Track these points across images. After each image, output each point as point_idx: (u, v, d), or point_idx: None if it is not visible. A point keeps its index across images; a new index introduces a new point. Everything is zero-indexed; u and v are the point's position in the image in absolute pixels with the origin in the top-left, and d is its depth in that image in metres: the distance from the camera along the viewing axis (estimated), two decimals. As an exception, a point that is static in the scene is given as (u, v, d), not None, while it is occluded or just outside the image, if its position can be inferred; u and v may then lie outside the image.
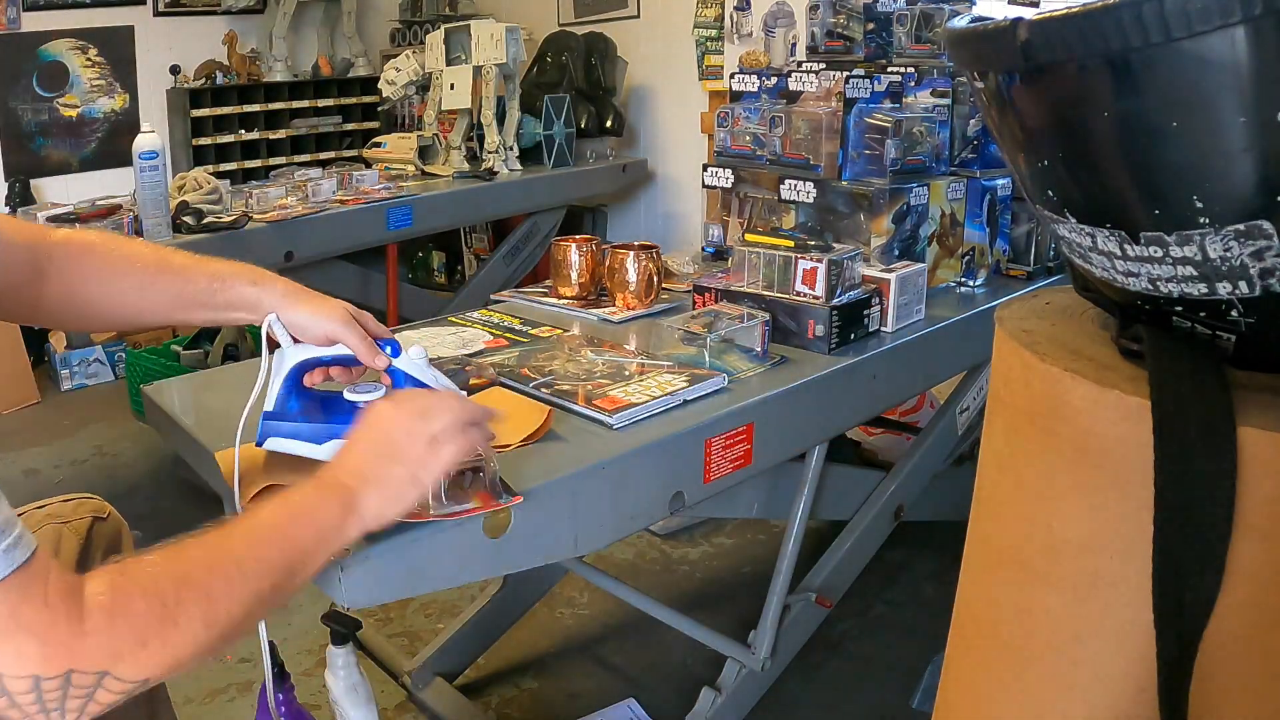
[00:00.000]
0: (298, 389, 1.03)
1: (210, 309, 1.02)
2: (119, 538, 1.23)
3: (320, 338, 1.01)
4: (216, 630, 0.73)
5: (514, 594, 1.88)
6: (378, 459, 0.87)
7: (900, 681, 1.85)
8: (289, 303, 1.01)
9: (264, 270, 1.04)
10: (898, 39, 1.91)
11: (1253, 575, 0.59)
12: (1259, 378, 0.64)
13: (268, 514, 0.80)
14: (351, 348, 1.00)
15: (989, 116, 0.74)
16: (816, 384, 1.37)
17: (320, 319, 1.00)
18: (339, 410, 1.02)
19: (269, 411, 1.01)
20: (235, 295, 1.01)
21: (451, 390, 1.03)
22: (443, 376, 1.05)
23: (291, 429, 1.01)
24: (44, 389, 3.57)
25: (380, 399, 0.94)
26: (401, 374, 1.02)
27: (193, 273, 1.02)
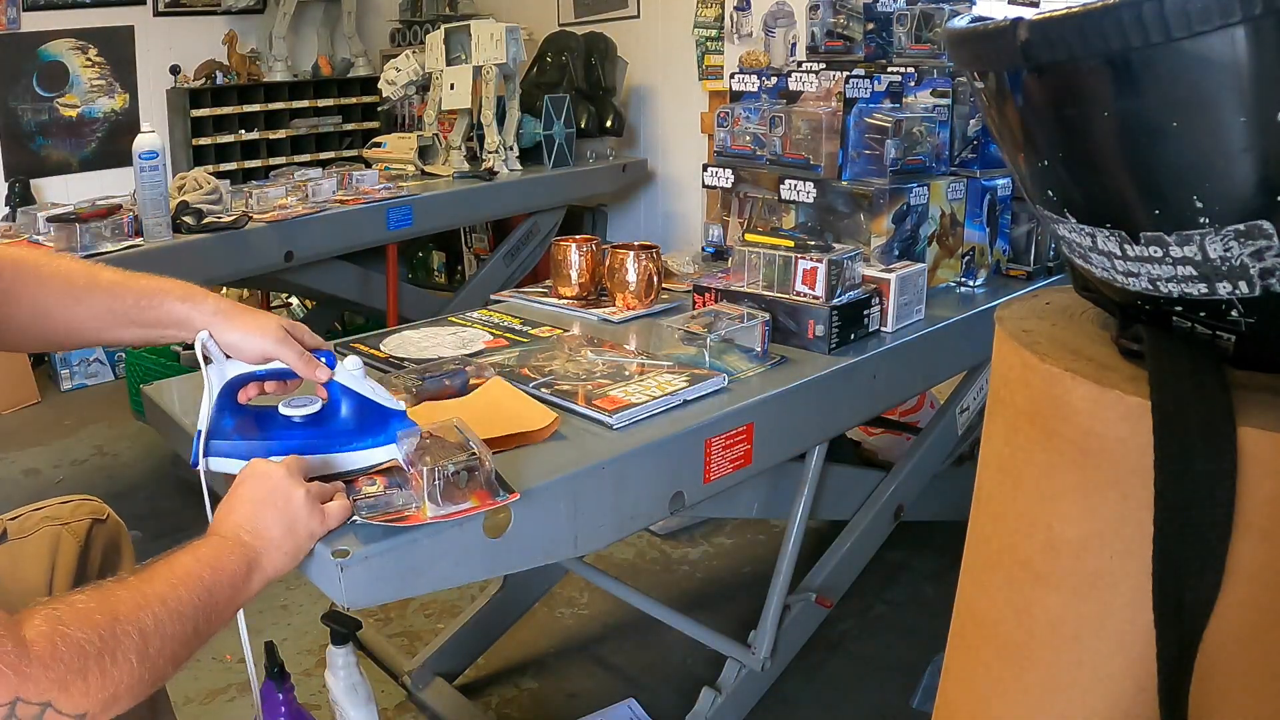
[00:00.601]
0: (231, 406, 1.01)
1: (140, 326, 1.00)
2: (118, 539, 1.23)
3: (255, 356, 0.99)
4: (148, 665, 0.76)
5: (514, 594, 1.88)
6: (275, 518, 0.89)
7: (900, 681, 1.85)
8: (220, 320, 0.99)
9: (196, 287, 1.02)
10: (898, 39, 1.91)
11: (1253, 575, 0.59)
12: (1259, 378, 0.64)
13: (181, 562, 0.83)
14: (289, 364, 0.99)
15: (989, 116, 0.74)
16: (816, 384, 1.37)
17: (254, 336, 0.99)
18: (275, 425, 1.01)
19: (201, 431, 1.00)
20: (165, 313, 0.99)
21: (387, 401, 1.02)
22: (380, 388, 1.03)
23: (228, 447, 1.00)
24: (44, 389, 3.57)
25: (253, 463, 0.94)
26: (338, 386, 1.01)
27: (121, 290, 1.00)
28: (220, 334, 0.98)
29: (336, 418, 1.01)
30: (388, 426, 1.01)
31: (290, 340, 0.99)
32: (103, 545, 1.19)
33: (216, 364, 0.99)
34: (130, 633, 0.75)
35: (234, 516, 0.89)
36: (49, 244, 2.20)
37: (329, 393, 1.01)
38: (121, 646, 0.74)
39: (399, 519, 0.92)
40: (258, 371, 1.01)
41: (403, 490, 0.96)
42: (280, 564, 0.89)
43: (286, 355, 0.99)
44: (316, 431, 1.01)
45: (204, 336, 0.98)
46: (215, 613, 0.83)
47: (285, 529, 0.89)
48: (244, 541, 0.87)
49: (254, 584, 0.87)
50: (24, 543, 1.11)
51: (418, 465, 0.94)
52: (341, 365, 1.01)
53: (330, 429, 1.01)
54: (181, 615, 0.79)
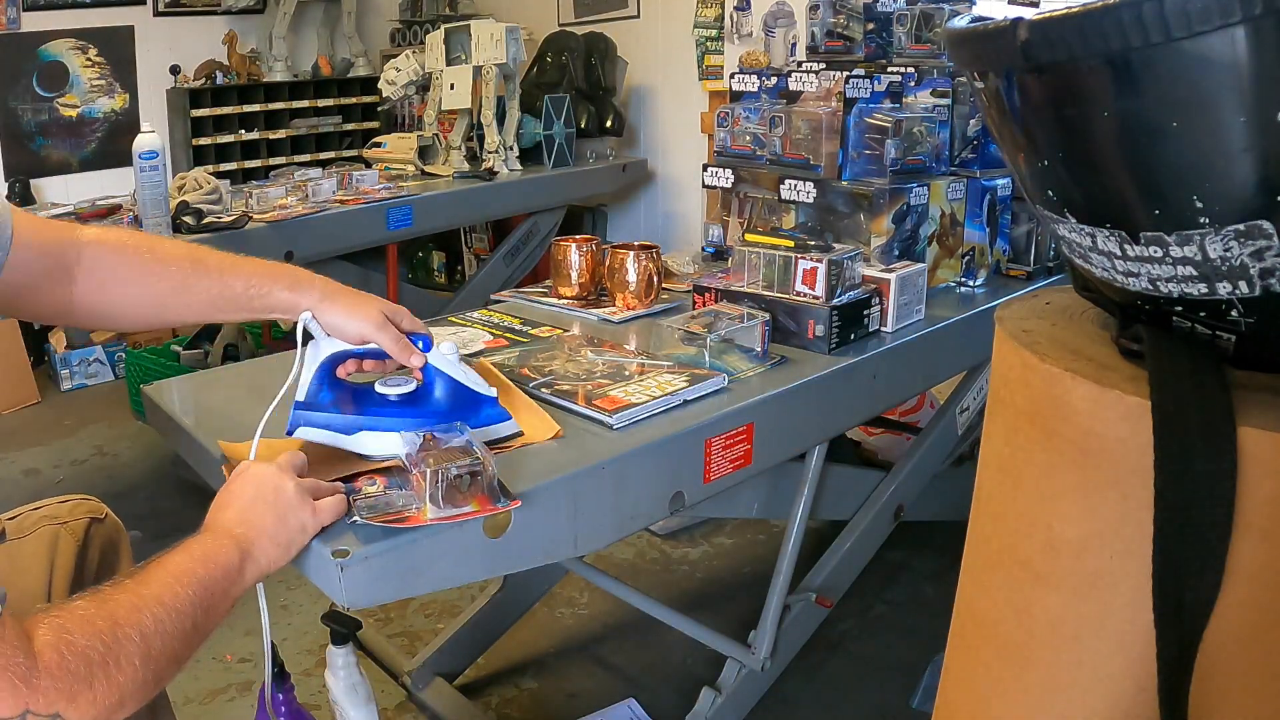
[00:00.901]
0: (330, 381, 1.05)
1: (247, 311, 1.05)
2: (116, 539, 1.23)
3: (355, 338, 1.03)
4: (151, 667, 0.76)
5: (514, 594, 1.88)
6: (264, 510, 0.90)
7: (900, 681, 1.85)
8: (325, 304, 1.03)
9: (301, 271, 1.06)
10: (898, 39, 1.91)
11: (1253, 575, 0.59)
12: (1259, 378, 0.64)
13: (174, 560, 0.83)
14: (384, 347, 1.03)
15: (989, 116, 0.74)
16: (816, 384, 1.37)
17: (354, 321, 1.03)
18: (370, 402, 1.05)
19: (300, 401, 1.03)
20: (274, 300, 1.03)
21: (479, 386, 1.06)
22: (472, 373, 1.08)
23: (322, 419, 1.02)
24: (44, 389, 3.57)
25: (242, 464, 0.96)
26: (433, 369, 1.06)
27: (229, 275, 1.03)
28: (323, 316, 1.03)
29: (430, 399, 1.06)
30: (480, 410, 1.07)
31: (388, 325, 1.04)
32: (101, 545, 1.19)
33: (317, 341, 1.04)
34: (132, 636, 0.75)
35: (225, 512, 0.90)
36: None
37: (424, 375, 1.06)
38: (125, 651, 0.74)
39: (399, 520, 0.92)
40: (356, 350, 1.05)
41: (403, 491, 0.97)
42: (273, 555, 0.89)
43: (383, 339, 1.03)
44: (412, 410, 1.04)
45: (306, 317, 1.03)
46: (212, 607, 0.83)
47: (276, 520, 0.89)
48: (235, 534, 0.88)
49: (248, 576, 0.88)
50: (22, 542, 1.12)
51: (420, 466, 0.94)
52: (436, 350, 1.06)
53: (423, 410, 1.05)
54: (180, 613, 0.79)
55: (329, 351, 1.04)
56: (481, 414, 1.08)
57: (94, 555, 1.18)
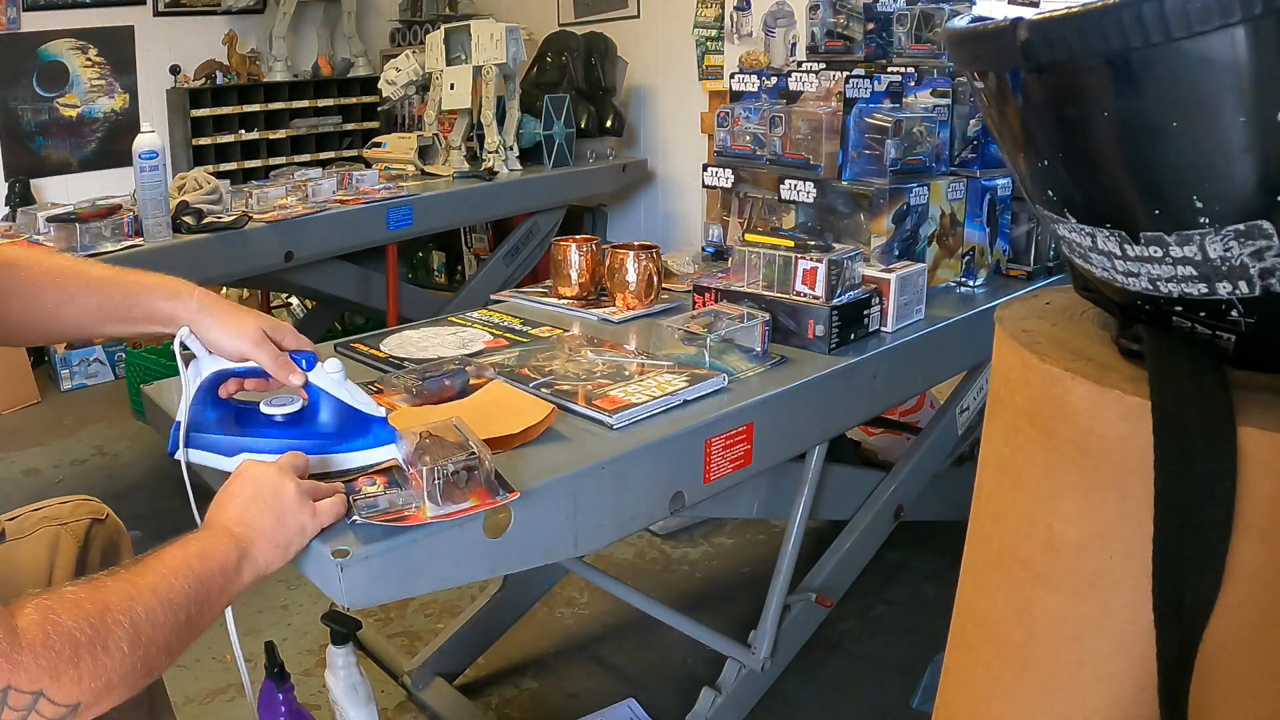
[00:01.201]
0: (213, 400, 1.02)
1: (128, 322, 1.02)
2: (117, 540, 1.23)
3: (233, 355, 1.01)
4: (140, 655, 0.76)
5: (514, 594, 1.88)
6: (263, 510, 0.89)
7: (900, 681, 1.85)
8: (203, 318, 1.01)
9: (183, 283, 1.03)
10: (898, 39, 1.91)
11: (1253, 575, 0.59)
12: (1259, 378, 0.64)
13: (171, 554, 0.83)
14: (264, 366, 1.00)
15: (989, 116, 0.74)
16: (816, 384, 1.37)
17: (232, 337, 1.00)
18: (254, 423, 1.02)
19: (178, 422, 1.01)
20: (151, 309, 1.01)
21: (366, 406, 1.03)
22: (359, 391, 1.04)
23: (206, 440, 1.01)
24: (44, 389, 3.57)
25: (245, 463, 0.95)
26: (318, 389, 1.02)
27: (110, 287, 1.02)
28: (202, 331, 1.01)
29: (316, 420, 1.02)
30: (368, 430, 1.03)
31: (267, 343, 1.01)
32: (102, 545, 1.19)
33: (199, 359, 1.01)
34: (121, 621, 0.75)
35: (224, 512, 0.90)
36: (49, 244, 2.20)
37: (310, 394, 1.02)
38: (113, 635, 0.74)
39: (399, 519, 0.92)
40: (238, 369, 1.01)
41: (402, 490, 0.97)
42: (271, 556, 0.89)
43: (261, 357, 1.00)
44: (296, 431, 1.02)
45: (184, 333, 1.00)
46: (208, 602, 0.83)
47: (275, 521, 0.89)
48: (234, 533, 0.88)
49: (245, 575, 0.87)
50: (22, 543, 1.12)
51: (417, 465, 0.94)
52: (320, 368, 1.01)
53: (310, 429, 1.02)
54: (173, 604, 0.79)
55: (211, 369, 1.01)
56: (370, 434, 1.03)
57: (95, 556, 1.18)
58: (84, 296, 1.01)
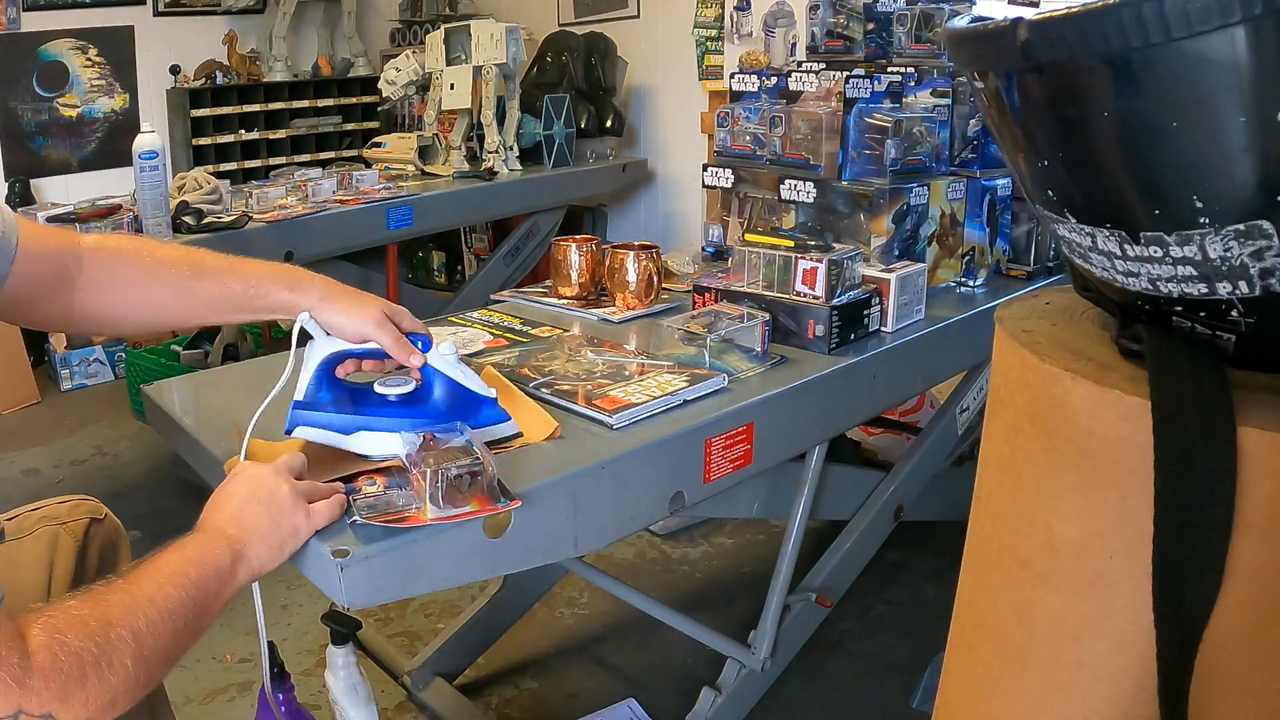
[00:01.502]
0: (328, 380, 1.05)
1: (248, 312, 1.05)
2: (116, 540, 1.23)
3: (354, 336, 1.03)
4: (144, 668, 0.76)
5: (514, 594, 1.88)
6: (258, 511, 0.90)
7: (900, 681, 1.85)
8: (324, 304, 1.03)
9: (301, 271, 1.05)
10: (898, 39, 1.91)
11: (1253, 575, 0.59)
12: (1259, 378, 0.64)
13: (167, 560, 0.84)
14: (384, 347, 1.03)
15: (989, 116, 0.74)
16: (816, 384, 1.37)
17: (354, 320, 1.03)
18: (368, 402, 1.05)
19: (299, 401, 1.03)
20: (273, 301, 1.03)
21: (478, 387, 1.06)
22: (471, 373, 1.08)
23: (321, 419, 1.03)
24: (44, 389, 3.57)
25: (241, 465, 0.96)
26: (432, 370, 1.05)
27: (228, 277, 1.04)
28: (322, 315, 1.03)
29: (429, 400, 1.06)
30: (479, 410, 1.07)
31: (388, 324, 1.03)
32: (100, 545, 1.19)
33: (315, 341, 1.03)
34: (125, 637, 0.75)
35: (219, 512, 0.90)
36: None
37: (423, 375, 1.06)
38: (117, 652, 0.74)
39: (398, 520, 0.92)
40: (354, 350, 1.04)
41: (403, 491, 0.97)
42: (265, 557, 0.89)
43: (382, 338, 1.03)
44: (410, 410, 1.04)
45: (304, 318, 1.03)
46: (204, 607, 0.84)
47: (269, 522, 0.89)
48: (228, 535, 0.88)
49: (240, 577, 0.88)
50: (21, 543, 1.12)
51: (420, 467, 0.94)
52: (435, 350, 1.05)
53: (423, 409, 1.05)
54: (172, 613, 0.80)
55: (327, 351, 1.04)
56: (481, 414, 1.07)
57: (93, 556, 1.18)
58: (201, 286, 1.03)
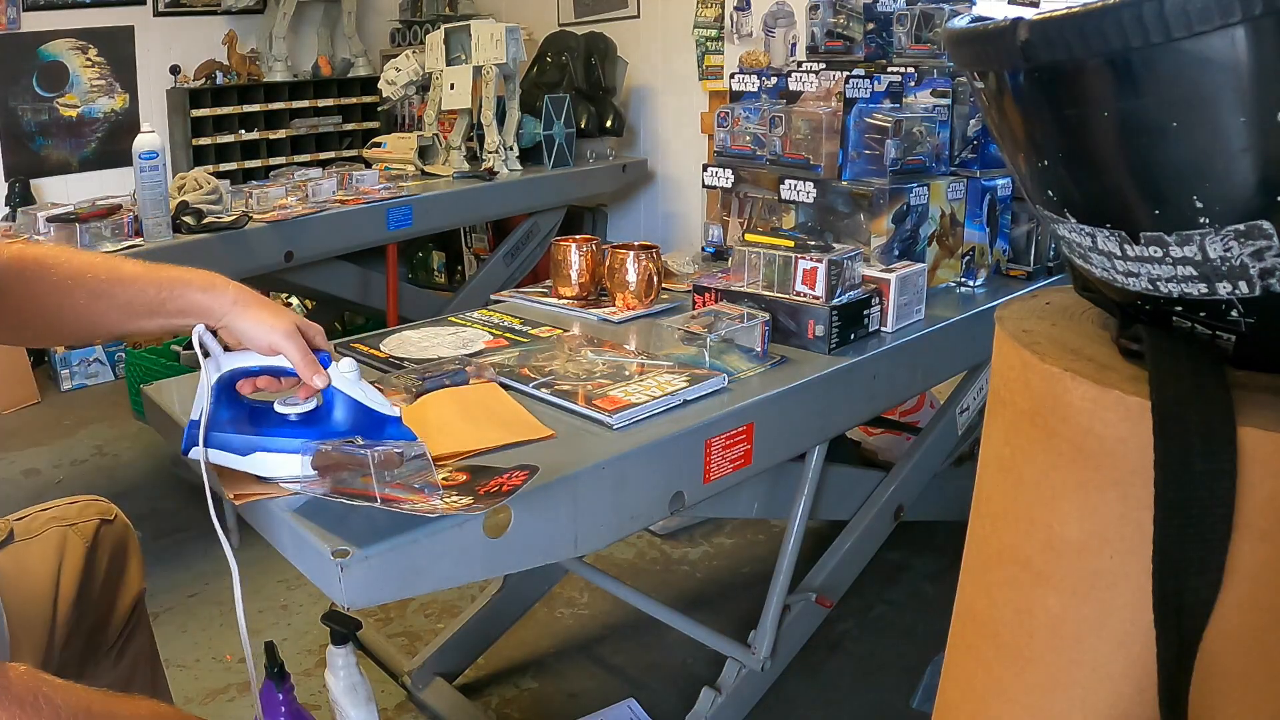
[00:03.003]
0: (228, 399, 1.02)
1: (163, 316, 1.01)
2: (125, 541, 1.22)
3: (265, 347, 1.00)
4: None
5: (514, 594, 1.88)
6: None
7: (900, 681, 1.85)
8: (239, 310, 1.00)
9: (217, 276, 1.03)
10: (898, 39, 1.91)
11: (1253, 575, 0.59)
12: (1259, 378, 0.64)
13: None
14: (292, 362, 0.99)
15: (989, 116, 0.74)
16: (816, 384, 1.37)
17: (265, 329, 0.99)
18: (268, 422, 1.01)
19: (195, 420, 1.00)
20: (186, 302, 1.00)
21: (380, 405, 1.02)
22: (374, 392, 1.03)
23: (220, 439, 1.00)
24: (44, 389, 3.57)
25: None
26: (331, 388, 1.01)
27: (143, 281, 1.01)
28: (235, 322, 1.00)
29: (330, 419, 1.02)
30: (383, 430, 1.02)
31: (298, 337, 1.00)
32: (110, 547, 1.18)
33: (215, 357, 1.00)
34: None
35: None
36: (49, 244, 2.20)
37: (324, 395, 1.02)
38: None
39: (360, 493, 0.91)
40: (253, 367, 1.01)
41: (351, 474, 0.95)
42: None
43: (291, 351, 0.99)
44: (311, 430, 1.01)
45: (200, 330, 1.00)
46: None
47: None
48: None
49: None
50: (30, 544, 1.11)
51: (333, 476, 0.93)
52: (335, 367, 1.01)
53: (325, 429, 1.01)
54: None
55: (227, 367, 1.00)
56: (385, 434, 1.02)
57: (103, 557, 1.17)
58: (117, 291, 1.00)
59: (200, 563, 2.26)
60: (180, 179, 2.54)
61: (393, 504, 0.90)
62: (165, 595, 2.09)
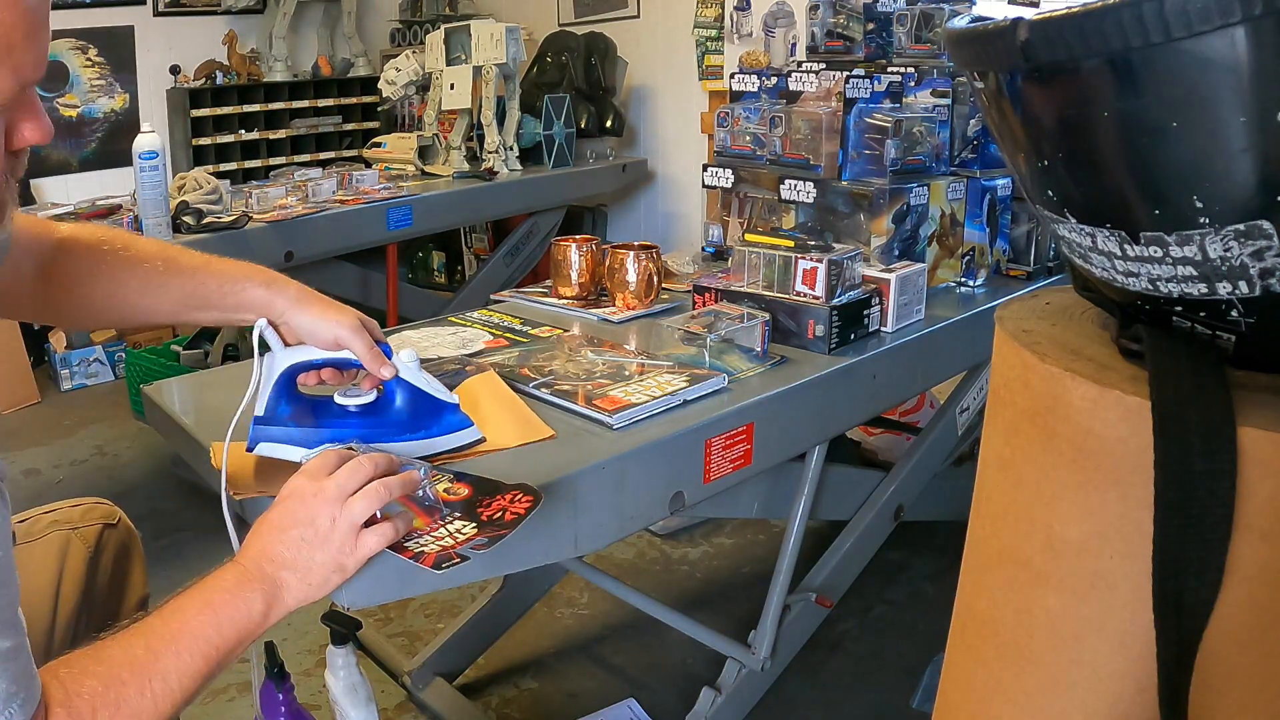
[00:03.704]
0: (288, 393, 1.02)
1: (220, 310, 1.02)
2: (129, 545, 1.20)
3: (329, 342, 1.01)
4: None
5: (514, 594, 1.88)
6: (301, 545, 0.83)
7: (900, 681, 1.85)
8: (302, 306, 1.00)
9: (275, 273, 1.03)
10: (898, 39, 1.91)
11: (1253, 575, 0.59)
12: (1259, 378, 0.64)
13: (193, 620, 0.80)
14: (358, 355, 1.00)
15: (989, 116, 0.74)
16: (816, 384, 1.37)
17: (331, 324, 1.00)
18: (329, 414, 1.02)
19: (259, 416, 1.00)
20: (247, 298, 1.01)
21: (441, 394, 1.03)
22: (434, 380, 1.05)
23: (282, 433, 1.00)
24: (44, 389, 3.57)
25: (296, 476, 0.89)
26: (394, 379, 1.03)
27: (203, 274, 1.01)
28: (298, 317, 1.00)
29: (391, 408, 1.04)
30: (441, 418, 1.04)
31: (364, 331, 1.01)
32: (114, 551, 1.16)
33: (274, 353, 1.01)
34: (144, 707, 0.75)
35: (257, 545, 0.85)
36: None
37: (385, 384, 1.04)
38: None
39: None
40: (314, 360, 1.02)
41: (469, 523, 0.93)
42: (301, 595, 0.84)
43: (357, 345, 1.00)
44: (371, 420, 1.02)
45: (262, 324, 1.00)
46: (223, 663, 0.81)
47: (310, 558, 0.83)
48: (264, 574, 0.83)
49: (272, 619, 0.84)
50: (32, 547, 1.09)
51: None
52: (397, 357, 1.03)
53: (385, 419, 1.03)
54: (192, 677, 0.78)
55: (286, 363, 1.01)
56: (443, 421, 1.05)
57: (106, 562, 1.15)
58: (175, 283, 1.01)
59: (200, 563, 2.26)
60: (180, 179, 2.55)
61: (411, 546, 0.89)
62: (164, 595, 2.08)
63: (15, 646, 0.68)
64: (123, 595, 1.19)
